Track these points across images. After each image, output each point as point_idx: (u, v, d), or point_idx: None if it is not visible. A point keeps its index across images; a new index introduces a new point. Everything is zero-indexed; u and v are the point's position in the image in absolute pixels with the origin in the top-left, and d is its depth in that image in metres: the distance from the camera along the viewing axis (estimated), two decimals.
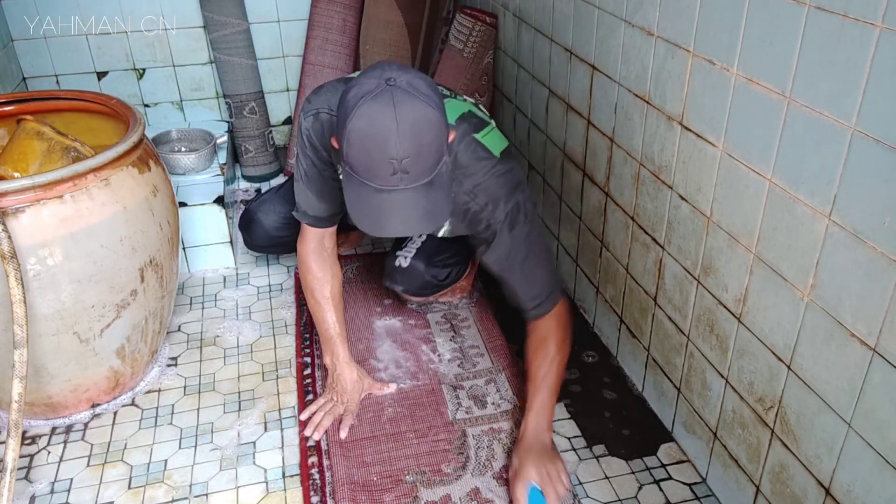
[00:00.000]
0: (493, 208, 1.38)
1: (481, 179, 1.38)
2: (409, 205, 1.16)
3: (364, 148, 1.13)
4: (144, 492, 1.39)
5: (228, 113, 2.54)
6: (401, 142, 1.11)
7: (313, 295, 1.57)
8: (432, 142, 1.15)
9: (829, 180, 0.95)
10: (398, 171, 1.13)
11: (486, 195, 1.38)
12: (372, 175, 1.14)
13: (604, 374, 1.68)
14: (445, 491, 1.36)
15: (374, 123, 1.11)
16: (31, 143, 1.49)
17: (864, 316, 0.93)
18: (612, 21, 1.47)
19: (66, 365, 1.44)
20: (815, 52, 0.94)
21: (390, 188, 1.15)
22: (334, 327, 1.57)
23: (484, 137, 1.42)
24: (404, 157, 1.12)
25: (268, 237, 1.87)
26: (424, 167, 1.15)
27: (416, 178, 1.15)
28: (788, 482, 1.13)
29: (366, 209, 1.18)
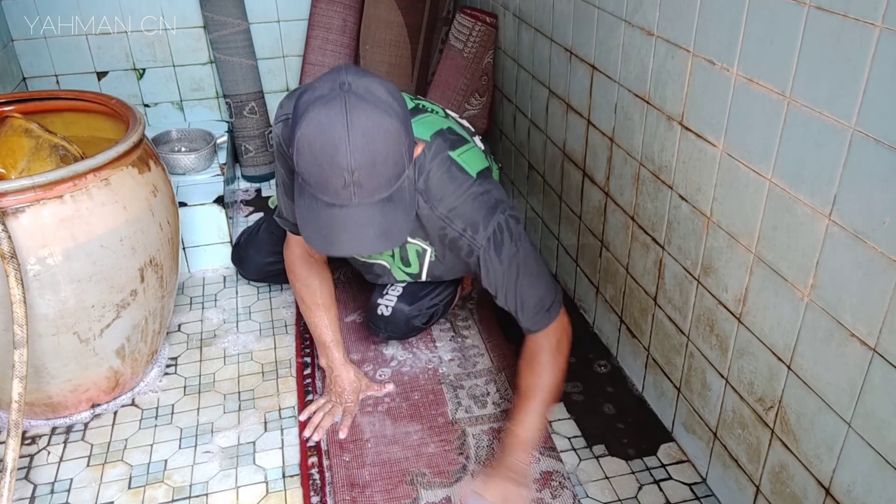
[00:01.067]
0: (473, 233, 1.30)
1: (456, 203, 1.30)
2: (363, 222, 1.07)
3: (313, 157, 1.04)
4: (144, 492, 1.39)
5: (228, 113, 2.54)
6: (352, 152, 1.02)
7: (304, 301, 1.55)
8: (388, 153, 1.05)
9: (829, 180, 0.95)
10: (350, 185, 1.04)
11: (462, 220, 1.30)
12: (323, 188, 1.05)
13: (604, 375, 1.68)
14: (446, 492, 1.36)
15: (323, 131, 1.02)
16: (18, 140, 1.49)
17: (864, 316, 0.93)
18: (612, 21, 1.47)
19: (66, 365, 1.44)
20: (815, 52, 0.94)
21: (342, 203, 1.06)
22: (327, 331, 1.55)
23: (460, 156, 1.34)
24: (356, 169, 1.03)
25: (261, 270, 1.89)
26: (381, 181, 1.06)
27: (372, 192, 1.06)
28: (788, 482, 1.13)
29: (315, 224, 1.09)
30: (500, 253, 1.31)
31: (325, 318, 1.55)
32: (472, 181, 1.32)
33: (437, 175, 1.30)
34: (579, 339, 1.80)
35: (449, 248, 1.38)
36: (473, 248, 1.32)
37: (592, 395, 1.62)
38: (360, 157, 1.03)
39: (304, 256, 1.53)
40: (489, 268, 1.33)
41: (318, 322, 1.55)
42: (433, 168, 1.30)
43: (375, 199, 1.07)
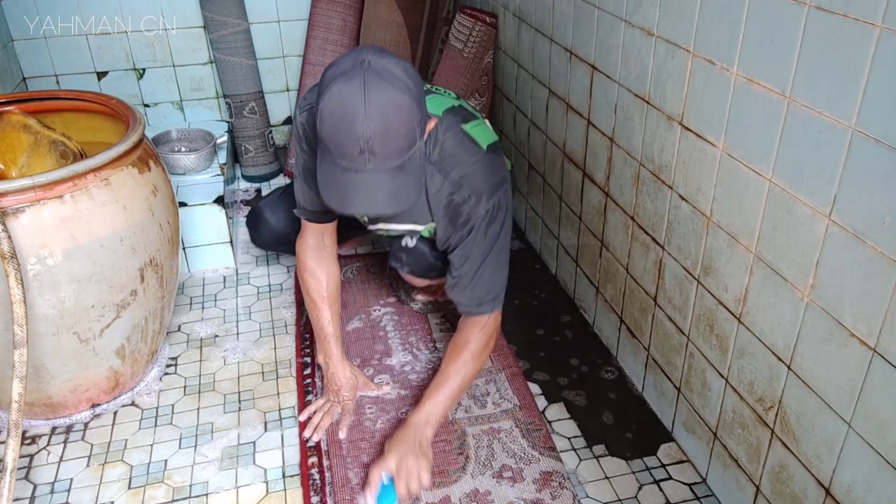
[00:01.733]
0: (476, 202, 1.38)
1: (467, 171, 1.38)
2: (375, 186, 1.18)
3: (334, 125, 1.15)
4: (144, 492, 1.39)
5: (228, 113, 2.54)
6: (368, 122, 1.12)
7: (309, 293, 1.58)
8: (401, 126, 1.15)
9: (829, 180, 0.95)
10: (365, 151, 1.14)
11: (469, 188, 1.38)
12: (341, 154, 1.16)
13: (604, 374, 1.68)
14: (446, 492, 1.36)
15: (343, 103, 1.13)
16: (17, 135, 1.49)
17: (864, 316, 0.93)
18: (612, 21, 1.47)
19: (66, 365, 1.44)
20: (815, 52, 0.94)
21: (358, 169, 1.16)
22: (329, 326, 1.58)
23: (472, 129, 1.43)
24: (371, 138, 1.13)
25: (274, 235, 1.85)
26: (393, 150, 1.16)
27: (384, 160, 1.16)
28: (788, 482, 1.13)
29: (333, 186, 1.20)
30: (489, 229, 1.39)
31: (327, 313, 1.58)
32: (483, 153, 1.41)
33: (450, 146, 1.39)
34: (580, 339, 1.80)
35: (449, 216, 1.43)
36: (472, 216, 1.39)
37: (592, 396, 1.62)
38: (374, 127, 1.13)
39: (317, 248, 1.56)
40: (474, 239, 1.40)
41: (320, 315, 1.58)
42: (446, 139, 1.39)
43: (388, 166, 1.17)
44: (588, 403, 1.60)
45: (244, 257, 2.17)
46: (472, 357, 1.45)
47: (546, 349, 1.77)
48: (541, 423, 1.51)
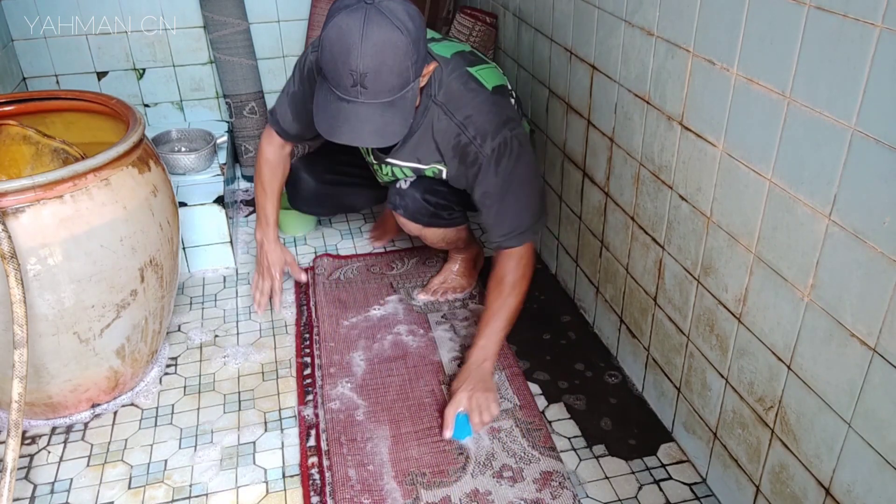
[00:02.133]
0: (482, 142, 1.44)
1: (471, 111, 1.44)
2: (363, 118, 1.26)
3: (331, 55, 1.23)
4: (144, 492, 1.39)
5: (228, 113, 2.54)
6: (362, 57, 1.20)
7: (262, 182, 1.78)
8: (394, 64, 1.22)
9: (829, 180, 0.95)
10: (357, 84, 1.23)
11: (475, 127, 1.44)
12: (336, 83, 1.25)
13: (604, 375, 1.68)
14: (445, 492, 1.36)
15: (342, 35, 1.21)
16: (18, 148, 1.49)
17: (864, 316, 0.93)
18: (612, 21, 1.47)
19: (66, 365, 1.44)
20: (815, 52, 0.94)
21: (350, 99, 1.25)
22: (272, 212, 1.80)
23: (478, 71, 1.49)
24: (364, 72, 1.21)
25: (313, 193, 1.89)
26: (384, 86, 1.24)
27: (375, 95, 1.24)
28: (788, 482, 1.13)
29: (325, 113, 1.29)
30: (499, 165, 1.45)
31: (272, 200, 1.80)
32: (488, 93, 1.47)
33: (455, 86, 1.45)
34: (580, 339, 1.80)
35: (459, 156, 1.49)
36: (479, 156, 1.45)
37: (592, 396, 1.62)
38: (367, 62, 1.21)
39: (278, 149, 1.76)
40: (485, 177, 1.47)
41: (266, 202, 1.80)
42: (452, 80, 1.45)
43: (378, 101, 1.25)
44: (588, 403, 1.60)
45: (244, 257, 2.17)
46: (512, 289, 1.53)
47: (546, 349, 1.76)
48: (541, 423, 1.51)
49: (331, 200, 1.89)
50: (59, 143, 1.48)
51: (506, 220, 1.49)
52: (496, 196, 1.47)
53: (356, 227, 2.34)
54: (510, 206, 1.49)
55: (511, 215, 1.49)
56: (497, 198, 1.47)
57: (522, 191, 1.49)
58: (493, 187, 1.46)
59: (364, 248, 2.22)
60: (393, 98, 1.26)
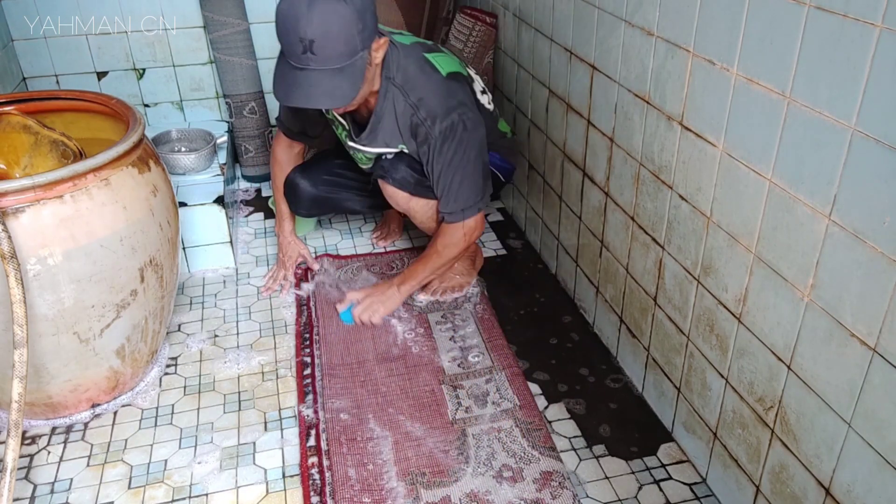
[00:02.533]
0: (431, 123, 1.55)
1: (424, 94, 1.55)
2: (314, 83, 1.38)
3: (283, 25, 1.36)
4: (144, 492, 1.39)
5: (228, 113, 2.54)
6: (308, 25, 1.33)
7: (274, 182, 1.96)
8: (340, 33, 1.34)
9: (829, 180, 0.95)
10: (307, 51, 1.35)
11: (426, 110, 1.55)
12: (289, 52, 1.38)
13: (604, 375, 1.68)
14: (445, 491, 1.36)
15: (291, 5, 1.34)
16: (18, 136, 1.49)
17: (864, 316, 0.93)
18: (612, 21, 1.47)
19: (66, 365, 1.44)
20: (815, 52, 0.94)
21: (302, 66, 1.38)
22: (286, 210, 1.97)
23: (434, 57, 1.61)
24: (311, 38, 1.34)
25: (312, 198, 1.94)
26: (332, 52, 1.36)
27: (324, 61, 1.36)
28: (788, 482, 1.13)
29: (281, 80, 1.42)
30: (443, 148, 1.57)
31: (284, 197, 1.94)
32: (441, 77, 1.58)
33: (411, 70, 1.57)
34: (580, 339, 1.80)
35: (413, 135, 1.62)
36: (429, 136, 1.57)
37: (592, 396, 1.62)
38: (314, 29, 1.33)
39: (287, 149, 1.91)
40: (433, 158, 1.60)
41: (279, 200, 1.96)
42: (409, 64, 1.57)
43: (327, 67, 1.38)
44: (588, 403, 1.60)
45: (244, 257, 2.17)
46: (444, 249, 1.72)
47: (546, 349, 1.77)
48: (541, 423, 1.51)
49: (328, 204, 1.96)
50: (58, 134, 1.48)
51: (451, 197, 1.64)
52: (442, 175, 1.61)
53: (356, 228, 2.34)
54: (454, 185, 1.62)
55: (455, 193, 1.63)
56: (443, 176, 1.61)
57: (466, 171, 1.61)
58: (440, 166, 1.60)
59: (364, 248, 2.22)
60: (342, 65, 1.37)
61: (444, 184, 1.63)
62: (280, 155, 1.93)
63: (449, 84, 1.58)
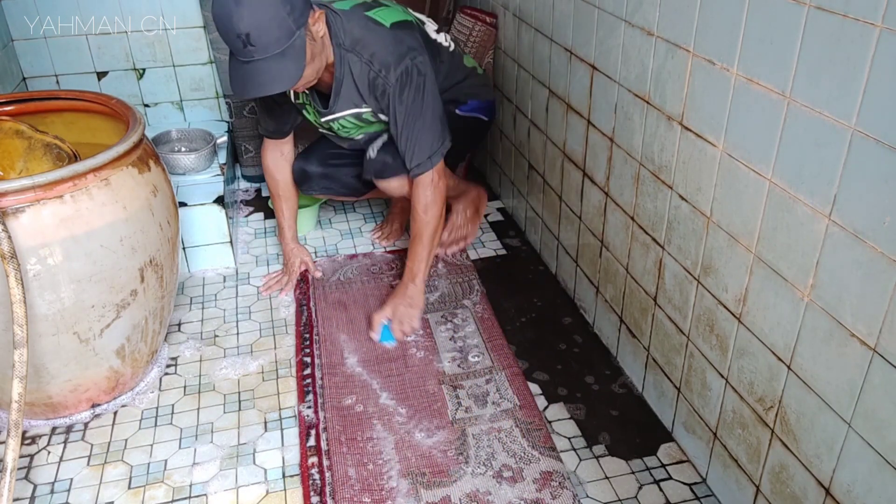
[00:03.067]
0: (386, 73, 1.59)
1: (374, 49, 1.59)
2: (261, 71, 1.43)
3: (220, 26, 1.41)
4: (144, 492, 1.39)
5: (228, 113, 2.54)
6: (240, 20, 1.37)
7: (270, 190, 1.99)
8: (271, 18, 1.38)
9: (829, 180, 0.95)
10: (246, 45, 1.39)
11: (378, 62, 1.59)
12: (233, 49, 1.43)
13: (604, 375, 1.68)
14: (445, 491, 1.36)
15: (220, 6, 1.39)
16: (11, 142, 1.49)
17: (864, 316, 0.93)
18: (612, 21, 1.47)
19: (66, 365, 1.44)
20: (815, 52, 0.94)
21: (248, 59, 1.42)
22: (282, 217, 2.00)
23: (375, 13, 1.65)
24: (246, 32, 1.37)
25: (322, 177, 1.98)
26: (270, 39, 1.39)
27: (265, 49, 1.40)
28: (788, 482, 1.13)
29: (235, 77, 1.47)
30: (402, 94, 1.60)
31: (283, 207, 1.99)
32: (386, 29, 1.62)
33: (357, 31, 1.60)
34: (580, 339, 1.80)
35: (372, 92, 1.64)
36: (386, 87, 1.61)
37: (592, 396, 1.62)
38: (246, 23, 1.37)
39: (275, 157, 1.94)
40: (394, 107, 1.62)
41: (277, 208, 2.01)
42: (352, 27, 1.60)
43: (270, 54, 1.41)
44: (588, 403, 1.60)
45: (244, 257, 2.17)
46: (425, 212, 1.71)
47: (546, 349, 1.77)
48: (541, 423, 1.51)
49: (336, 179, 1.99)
50: (51, 138, 1.48)
51: (415, 147, 1.65)
52: (402, 124, 1.63)
53: (356, 228, 2.34)
54: (418, 133, 1.64)
55: (419, 141, 1.65)
56: (404, 126, 1.63)
57: (426, 116, 1.64)
58: (401, 116, 1.62)
59: (364, 248, 2.22)
60: (283, 48, 1.41)
61: (407, 133, 1.64)
62: (268, 162, 1.95)
63: (395, 33, 1.62)
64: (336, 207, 2.45)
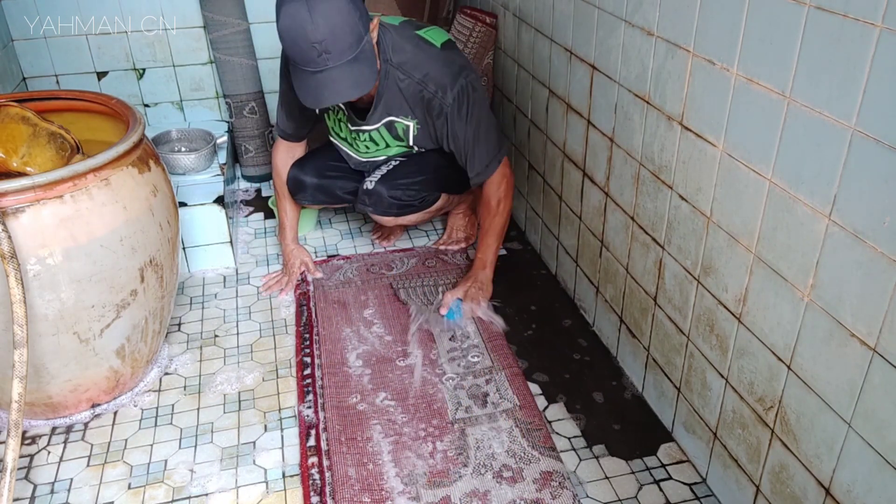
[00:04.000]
0: (443, 94, 1.65)
1: (428, 69, 1.64)
2: (338, 79, 1.45)
3: (292, 39, 1.42)
4: (144, 492, 1.39)
5: (228, 113, 2.54)
6: (315, 28, 1.39)
7: (277, 190, 2.01)
8: (344, 23, 1.41)
9: (829, 180, 0.95)
10: (322, 53, 1.42)
11: (434, 83, 1.64)
12: (304, 61, 1.44)
13: (604, 375, 1.68)
14: (445, 492, 1.36)
15: (293, 19, 1.41)
16: (17, 126, 1.49)
17: (864, 316, 0.93)
18: (612, 21, 1.47)
19: (66, 365, 1.44)
20: (815, 52, 0.94)
21: (321, 68, 1.44)
22: (286, 217, 2.01)
23: (425, 33, 1.71)
24: (323, 41, 1.40)
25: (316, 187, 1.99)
26: (344, 45, 1.42)
27: (340, 55, 1.43)
28: (788, 482, 1.13)
29: (305, 89, 1.48)
30: (461, 113, 1.67)
31: (288, 207, 2.01)
32: (438, 50, 1.69)
33: (409, 49, 1.66)
34: (580, 339, 1.80)
35: (425, 110, 1.71)
36: (443, 107, 1.67)
37: (592, 396, 1.62)
38: (322, 31, 1.40)
39: (286, 157, 1.96)
40: (452, 125, 1.69)
41: (281, 208, 2.02)
42: (404, 45, 1.65)
43: (344, 60, 1.44)
44: (588, 403, 1.60)
45: (244, 257, 2.17)
46: (497, 208, 1.81)
47: (546, 349, 1.77)
48: (541, 423, 1.51)
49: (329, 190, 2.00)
50: (55, 127, 1.48)
51: (478, 157, 1.74)
52: (466, 139, 1.70)
53: (356, 228, 2.34)
54: (480, 145, 1.72)
55: (482, 151, 1.73)
56: (467, 141, 1.70)
57: (485, 127, 1.72)
58: (462, 132, 1.69)
59: (364, 248, 2.22)
60: (355, 53, 1.44)
61: (470, 147, 1.72)
62: (278, 162, 1.97)
63: (447, 54, 1.68)
64: (336, 208, 2.45)
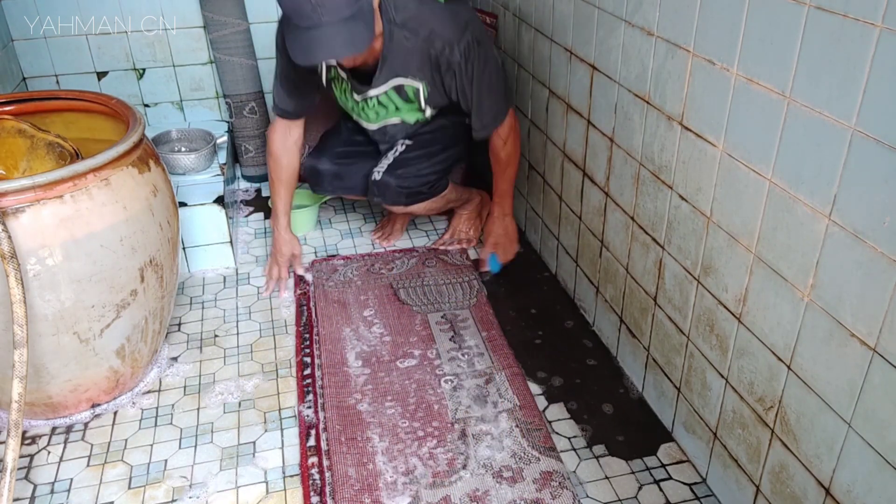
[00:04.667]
0: (450, 50, 1.64)
1: (433, 25, 1.63)
2: (332, 35, 1.42)
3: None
4: (144, 492, 1.39)
5: (228, 113, 2.54)
6: None
7: (271, 173, 1.95)
8: None
9: (829, 180, 0.95)
10: (317, 7, 1.39)
11: (440, 40, 1.63)
12: (298, 15, 1.41)
13: (604, 375, 1.68)
14: (445, 491, 1.36)
15: None
16: (14, 140, 1.50)
17: (864, 316, 0.93)
18: (612, 21, 1.47)
19: (66, 365, 1.44)
20: (815, 52, 0.94)
21: (315, 24, 1.41)
22: (280, 203, 1.95)
23: None
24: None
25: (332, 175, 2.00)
26: (340, 3, 1.40)
27: (334, 12, 1.40)
28: (788, 482, 1.13)
29: (298, 44, 1.45)
30: (469, 67, 1.68)
31: (282, 191, 1.94)
32: (442, 6, 1.67)
33: (412, 6, 1.64)
34: (580, 339, 1.80)
35: (432, 67, 1.70)
36: (451, 63, 1.67)
37: (592, 396, 1.62)
38: None
39: (282, 139, 1.90)
40: (461, 80, 1.70)
41: (276, 193, 1.95)
42: (406, 2, 1.64)
43: (339, 17, 1.41)
44: (588, 403, 1.60)
45: (244, 257, 2.17)
46: (508, 159, 1.87)
47: (546, 349, 1.77)
48: (541, 423, 1.51)
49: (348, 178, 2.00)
50: (53, 136, 1.48)
51: (485, 109, 1.75)
52: (474, 93, 1.71)
53: (356, 228, 2.34)
54: (487, 97, 1.73)
55: (489, 104, 1.75)
56: (475, 94, 1.71)
57: (492, 80, 1.73)
58: (469, 86, 1.70)
59: (364, 248, 2.22)
60: (352, 11, 1.42)
61: (477, 100, 1.73)
62: (274, 146, 1.91)
63: (451, 8, 1.67)
64: (336, 207, 2.45)
